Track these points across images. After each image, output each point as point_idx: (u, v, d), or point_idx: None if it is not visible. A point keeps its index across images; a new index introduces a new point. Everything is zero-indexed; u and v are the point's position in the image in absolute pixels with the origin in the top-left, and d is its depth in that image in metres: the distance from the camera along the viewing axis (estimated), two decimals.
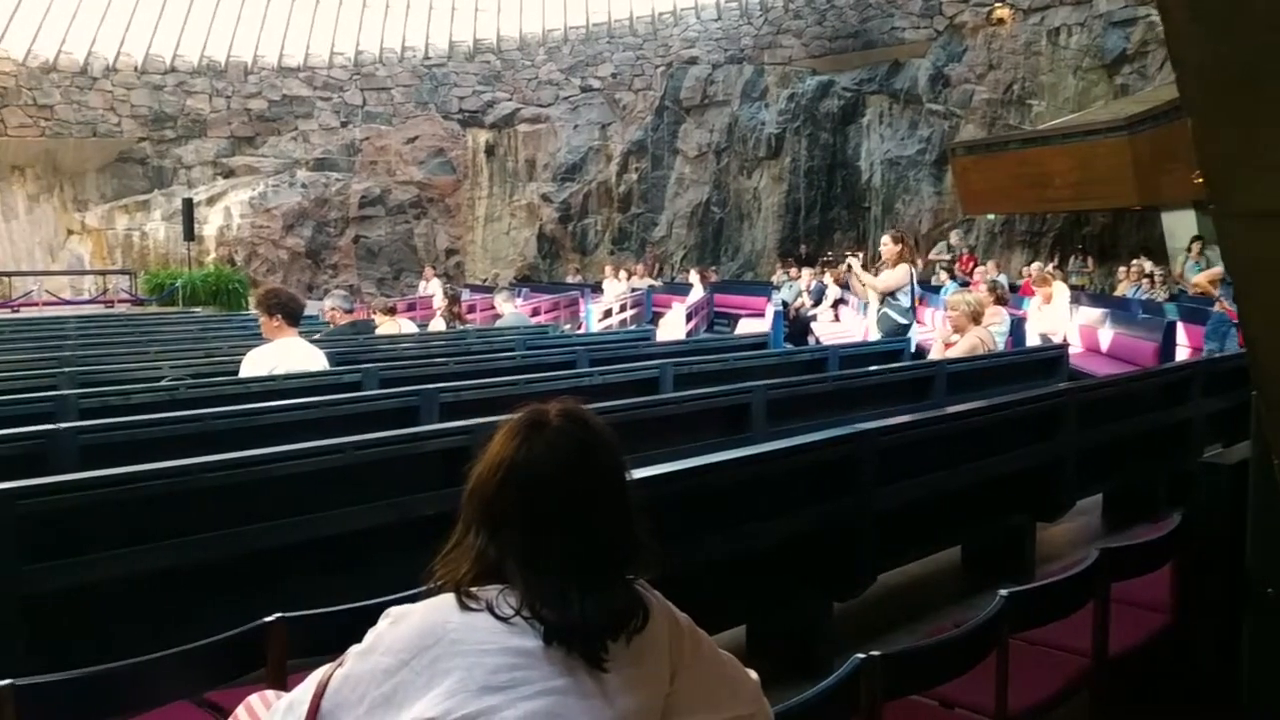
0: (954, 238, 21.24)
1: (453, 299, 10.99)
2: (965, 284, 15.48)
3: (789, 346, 8.68)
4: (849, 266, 9.29)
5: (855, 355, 7.57)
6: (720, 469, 3.38)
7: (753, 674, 1.84)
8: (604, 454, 1.68)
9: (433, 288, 18.29)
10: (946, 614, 4.23)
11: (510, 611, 1.54)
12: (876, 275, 8.79)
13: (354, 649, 1.62)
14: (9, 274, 22.53)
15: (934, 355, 7.37)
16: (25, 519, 3.01)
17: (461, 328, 9.87)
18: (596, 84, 27.21)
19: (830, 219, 23.43)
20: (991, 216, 21.30)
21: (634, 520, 1.68)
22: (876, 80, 23.71)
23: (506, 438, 1.67)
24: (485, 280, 25.10)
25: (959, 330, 7.13)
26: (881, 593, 4.26)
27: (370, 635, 1.61)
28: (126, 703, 2.46)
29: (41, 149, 25.08)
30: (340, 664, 1.62)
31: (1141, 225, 19.15)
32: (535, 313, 14.41)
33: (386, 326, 9.08)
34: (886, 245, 8.75)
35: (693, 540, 3.29)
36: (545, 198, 26.60)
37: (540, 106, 27.25)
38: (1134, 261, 16.68)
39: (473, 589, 1.57)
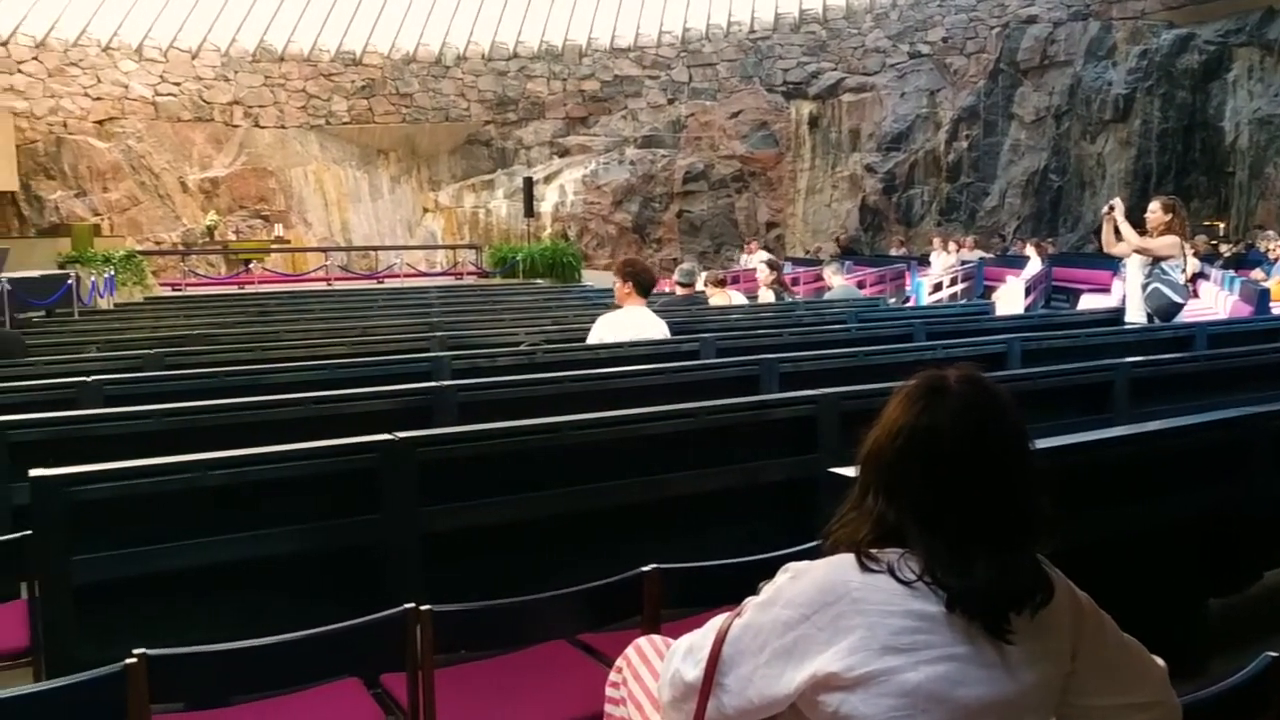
0: None
1: (777, 270, 11.01)
2: None
3: (1143, 322, 8.02)
4: (1111, 208, 8.04)
5: (1225, 333, 6.91)
6: (1092, 449, 3.19)
7: (1159, 661, 1.74)
8: (1007, 421, 1.64)
9: (755, 260, 18.43)
10: None
11: (912, 576, 1.54)
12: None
13: (753, 600, 1.67)
14: (376, 248, 24.98)
15: None
16: (423, 465, 3.33)
17: (790, 300, 9.90)
18: (926, 49, 26.30)
19: (1186, 186, 21.39)
20: None
21: (1036, 491, 1.63)
22: (1246, 31, 21.34)
23: (906, 403, 1.65)
24: (807, 253, 25.01)
25: None
26: (1262, 592, 3.88)
27: (769, 588, 1.66)
28: (512, 636, 2.68)
29: (402, 134, 27.53)
30: (739, 614, 1.67)
31: None
32: (860, 285, 14.21)
33: (717, 298, 9.26)
34: (1155, 212, 7.73)
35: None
36: (869, 168, 26.09)
37: (866, 75, 26.71)
38: None
39: (872, 550, 1.58)
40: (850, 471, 2.81)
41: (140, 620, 2.98)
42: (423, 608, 2.33)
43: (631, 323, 6.13)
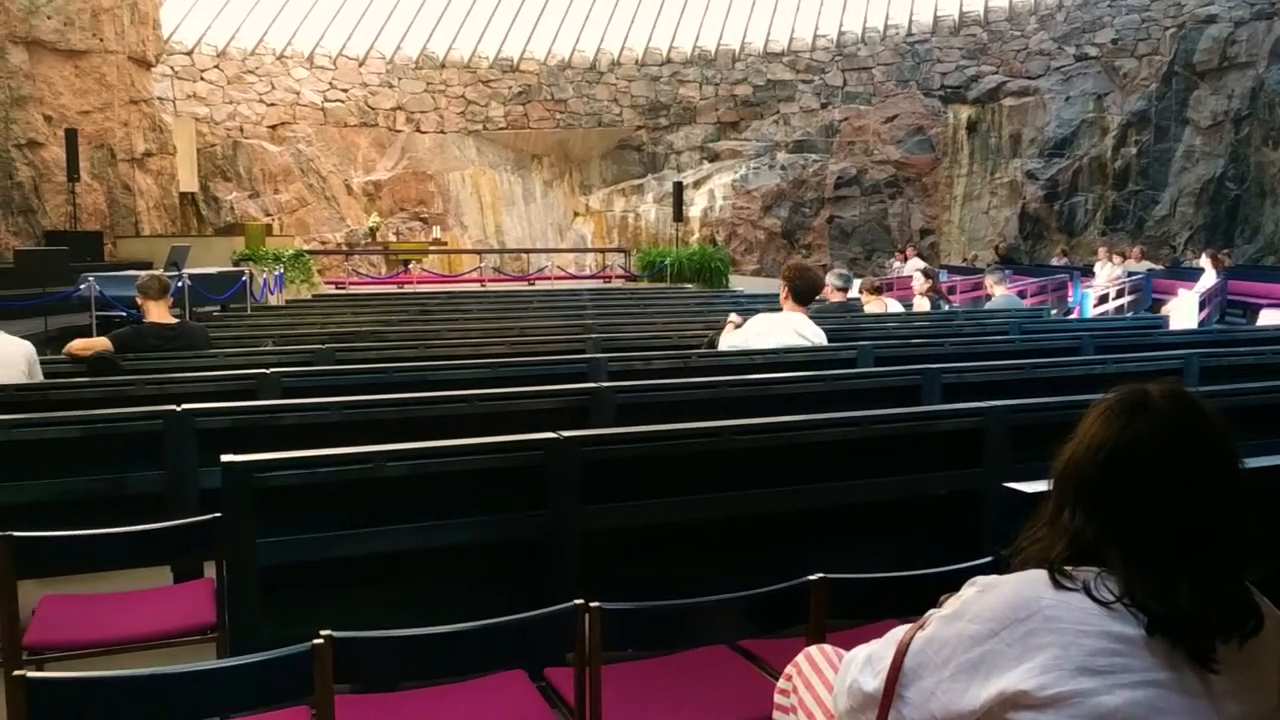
0: None
1: (933, 279, 10.79)
2: None
3: None
4: None
5: None
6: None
7: None
8: (1216, 438, 1.56)
9: (909, 268, 18.06)
10: None
11: (1110, 596, 1.48)
12: None
13: (937, 613, 1.64)
14: (528, 251, 25.52)
15: None
16: (585, 463, 3.37)
17: (948, 308, 9.67)
18: (1093, 51, 25.32)
19: None
20: None
21: (1246, 513, 1.55)
22: None
23: (1106, 418, 1.59)
24: (965, 261, 24.37)
25: None
26: None
27: (955, 601, 1.62)
28: (676, 637, 2.69)
29: (556, 139, 28.08)
30: (921, 626, 1.64)
31: None
32: (1020, 295, 13.76)
33: (873, 305, 9.12)
34: None
35: None
36: (1030, 175, 25.26)
37: (1029, 79, 25.89)
38: None
39: (1066, 568, 1.53)
40: (1026, 487, 2.74)
41: (315, 602, 3.10)
42: (592, 604, 2.36)
43: (782, 327, 6.08)
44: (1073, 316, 13.87)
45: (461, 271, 23.15)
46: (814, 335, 6.15)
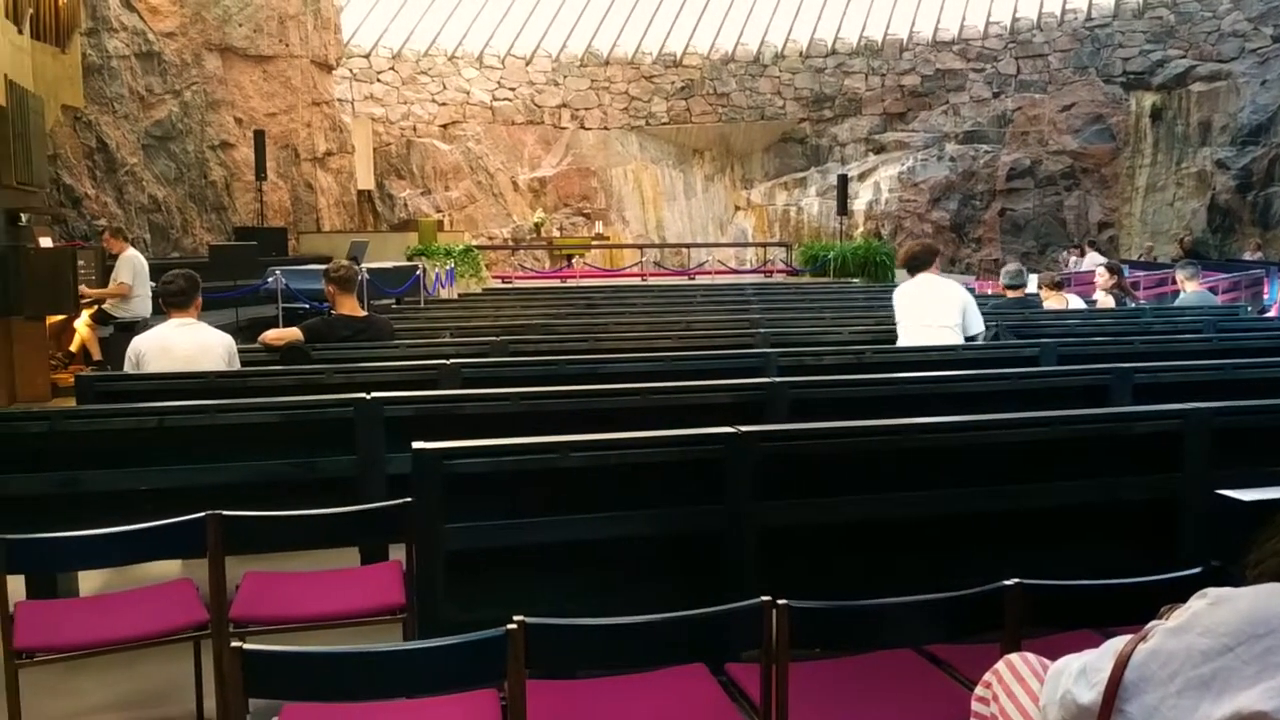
0: None
1: (1118, 274, 10.30)
2: None
3: None
4: None
5: None
6: None
7: None
8: None
9: (1087, 263, 17.27)
10: None
11: None
12: None
13: (1162, 625, 1.55)
14: (688, 245, 25.59)
15: None
16: (762, 459, 3.34)
17: (1135, 305, 9.20)
18: None
19: None
20: None
21: None
22: None
23: None
24: (1140, 256, 23.17)
25: None
26: None
27: (1183, 613, 1.53)
28: (862, 638, 2.63)
29: (717, 133, 28.05)
30: (1143, 638, 1.56)
31: None
32: (1211, 291, 12.99)
33: (1052, 301, 8.77)
34: None
35: None
36: (1220, 164, 23.77)
37: (1219, 62, 24.36)
38: None
39: None
40: (1244, 495, 2.58)
41: (494, 588, 3.17)
42: (779, 602, 2.33)
43: (923, 292, 6.45)
44: (1270, 315, 13.01)
45: (623, 266, 23.40)
46: (942, 284, 6.53)
